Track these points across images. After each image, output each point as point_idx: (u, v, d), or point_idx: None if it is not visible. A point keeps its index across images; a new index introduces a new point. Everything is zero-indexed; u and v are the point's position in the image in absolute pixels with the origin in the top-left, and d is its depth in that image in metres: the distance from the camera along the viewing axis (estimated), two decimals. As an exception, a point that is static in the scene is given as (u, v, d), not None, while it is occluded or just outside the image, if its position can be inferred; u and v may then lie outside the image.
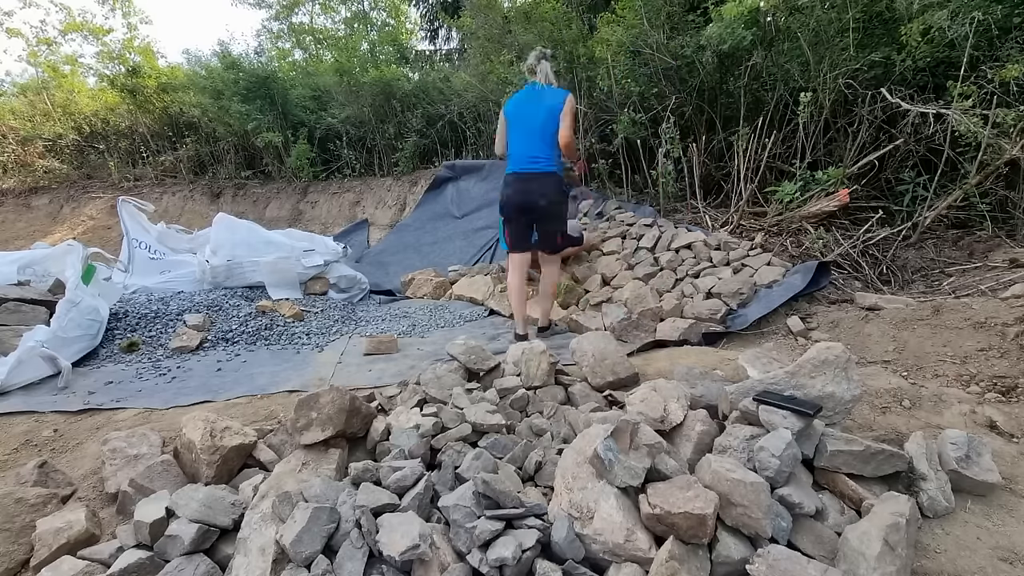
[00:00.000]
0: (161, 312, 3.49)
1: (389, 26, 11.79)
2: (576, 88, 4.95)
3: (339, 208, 7.56)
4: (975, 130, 3.04)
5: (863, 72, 3.68)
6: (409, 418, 1.84)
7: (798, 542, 1.29)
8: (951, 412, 1.80)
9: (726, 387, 1.77)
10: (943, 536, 1.36)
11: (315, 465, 1.62)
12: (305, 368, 2.73)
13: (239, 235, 4.32)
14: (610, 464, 1.30)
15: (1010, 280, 2.77)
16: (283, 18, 12.73)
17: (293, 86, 8.09)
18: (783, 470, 1.34)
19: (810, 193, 3.74)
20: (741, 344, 2.85)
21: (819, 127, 3.94)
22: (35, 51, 10.16)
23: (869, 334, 2.54)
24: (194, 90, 8.44)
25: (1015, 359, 2.03)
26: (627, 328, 3.03)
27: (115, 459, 1.70)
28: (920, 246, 3.53)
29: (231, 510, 1.47)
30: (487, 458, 1.57)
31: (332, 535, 1.33)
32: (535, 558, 1.24)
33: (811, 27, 3.76)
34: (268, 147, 7.83)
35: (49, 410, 2.18)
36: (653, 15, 4.22)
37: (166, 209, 8.27)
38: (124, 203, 4.49)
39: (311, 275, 4.40)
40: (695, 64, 4.22)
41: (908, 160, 3.74)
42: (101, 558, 1.36)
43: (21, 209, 9.03)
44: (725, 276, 3.30)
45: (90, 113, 9.54)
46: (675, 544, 1.18)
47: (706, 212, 4.27)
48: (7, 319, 2.85)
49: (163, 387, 2.50)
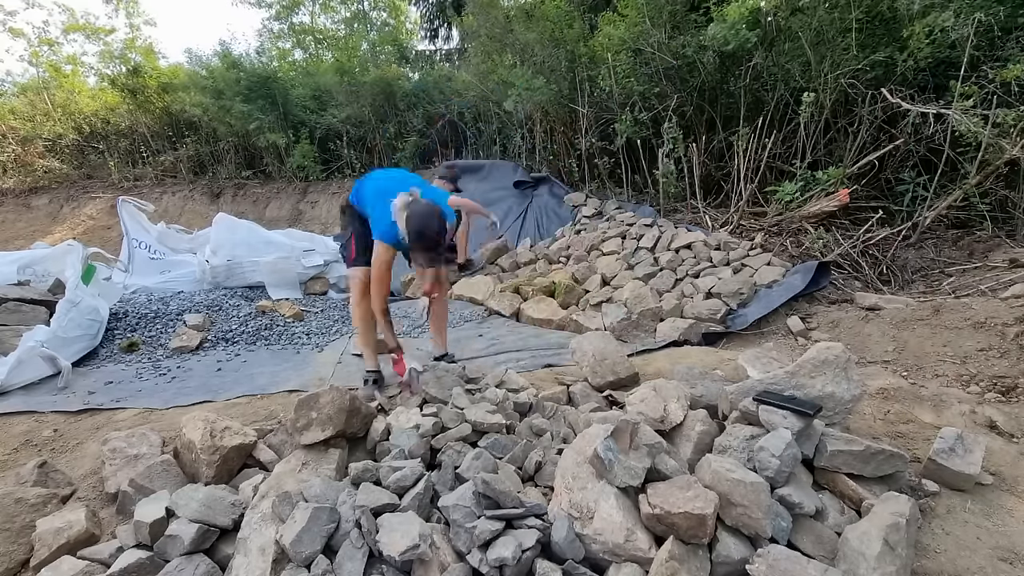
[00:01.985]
0: (161, 312, 3.48)
1: (389, 26, 11.79)
2: (577, 88, 4.94)
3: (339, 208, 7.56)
4: (975, 130, 3.04)
5: (864, 72, 3.68)
6: (409, 418, 1.84)
7: (798, 542, 1.29)
8: (951, 412, 1.80)
9: (726, 387, 1.77)
10: (943, 536, 1.36)
11: (315, 465, 1.62)
12: (305, 368, 2.72)
13: (239, 235, 4.32)
14: (610, 464, 1.30)
15: (1010, 280, 2.77)
16: (283, 18, 12.73)
17: (294, 86, 8.09)
18: (783, 470, 1.34)
19: (810, 193, 3.75)
20: (741, 344, 2.85)
21: (819, 127, 3.94)
22: (37, 51, 10.17)
23: (869, 334, 2.54)
24: (195, 90, 8.45)
25: (1015, 359, 2.03)
26: (627, 328, 3.03)
27: (115, 459, 1.70)
28: (920, 246, 3.52)
29: (231, 510, 1.47)
30: (487, 458, 1.57)
31: (332, 535, 1.33)
32: (535, 558, 1.24)
33: (813, 27, 3.76)
34: (269, 147, 7.84)
35: (49, 410, 2.18)
36: (655, 14, 4.22)
37: (166, 209, 8.27)
38: (124, 203, 4.50)
39: (311, 275, 4.41)
40: (696, 64, 4.22)
41: (908, 160, 3.74)
42: (101, 558, 1.36)
43: (21, 209, 9.03)
44: (725, 276, 3.30)
45: (90, 113, 9.53)
46: (675, 544, 1.17)
47: (706, 212, 4.27)
48: (7, 319, 2.85)
49: (163, 387, 2.49)
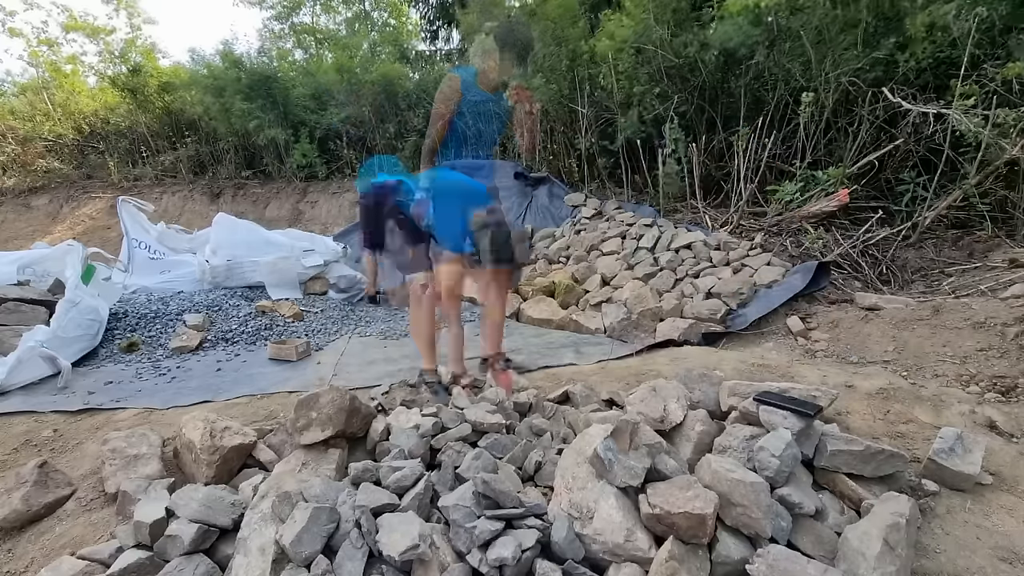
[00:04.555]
0: (161, 312, 3.49)
1: (390, 26, 11.79)
2: (577, 87, 4.93)
3: (339, 208, 7.55)
4: (975, 130, 3.04)
5: (865, 71, 3.68)
6: (409, 418, 1.84)
7: (798, 542, 1.29)
8: (951, 412, 1.80)
9: (726, 386, 1.77)
10: (943, 536, 1.36)
11: (315, 465, 1.62)
12: (305, 368, 2.73)
13: (239, 235, 4.32)
14: (610, 464, 1.30)
15: (1010, 280, 2.77)
16: (284, 19, 12.74)
17: (294, 85, 8.10)
18: (783, 470, 1.34)
19: (810, 193, 3.75)
20: (741, 344, 2.85)
21: (819, 127, 3.94)
22: (36, 51, 10.17)
23: (869, 334, 2.54)
24: (196, 88, 8.45)
25: (1015, 359, 2.03)
26: (627, 328, 3.03)
27: (115, 459, 1.70)
28: (920, 246, 3.52)
29: (231, 510, 1.47)
30: (487, 458, 1.57)
31: (332, 535, 1.32)
32: (535, 558, 1.23)
33: (814, 26, 3.75)
34: (269, 146, 7.83)
35: (49, 410, 2.18)
36: (660, 11, 4.21)
37: (166, 209, 8.27)
38: (124, 203, 4.50)
39: (311, 275, 4.40)
40: (697, 63, 4.21)
41: (908, 160, 3.74)
42: (101, 558, 1.36)
43: (21, 209, 9.03)
44: (725, 276, 3.30)
45: (90, 113, 9.54)
46: (675, 544, 1.17)
47: (706, 212, 4.27)
48: (7, 319, 2.85)
49: (163, 387, 2.49)
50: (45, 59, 10.11)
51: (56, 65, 10.04)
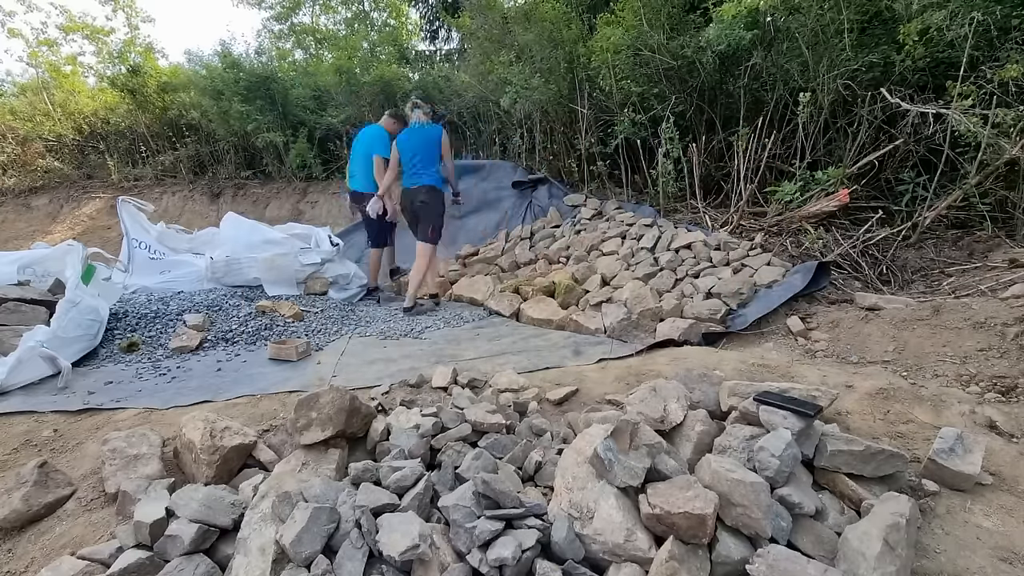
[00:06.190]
0: (161, 312, 3.48)
1: (390, 27, 11.79)
2: (576, 88, 4.94)
3: (339, 208, 7.55)
4: (975, 130, 3.04)
5: (862, 72, 3.68)
6: (409, 418, 1.84)
7: (798, 542, 1.29)
8: (951, 412, 1.80)
9: (726, 386, 1.77)
10: (943, 536, 1.36)
11: (315, 465, 1.62)
12: (305, 368, 2.72)
13: (242, 233, 4.35)
14: (610, 464, 1.30)
15: (1010, 280, 2.77)
16: (283, 19, 12.73)
17: (293, 86, 8.09)
18: (783, 470, 1.34)
19: (810, 193, 3.75)
20: (741, 344, 2.85)
21: (819, 127, 3.94)
22: (36, 52, 10.17)
23: (869, 334, 2.54)
24: (194, 90, 8.44)
25: (1015, 359, 2.03)
26: (627, 328, 3.03)
27: (115, 459, 1.70)
28: (920, 246, 3.53)
29: (231, 510, 1.47)
30: (487, 458, 1.57)
31: (332, 535, 1.33)
32: (535, 558, 1.24)
33: (810, 27, 3.76)
34: (268, 147, 7.83)
35: (49, 410, 2.18)
36: (652, 16, 4.22)
37: (166, 209, 8.27)
38: (124, 203, 4.49)
39: (308, 272, 4.40)
40: (695, 64, 4.22)
41: (908, 160, 3.74)
42: (101, 558, 1.36)
43: (21, 209, 9.03)
44: (725, 276, 3.30)
45: (90, 113, 9.53)
46: (675, 544, 1.18)
47: (706, 212, 4.27)
48: (7, 319, 2.85)
49: (163, 387, 2.49)
50: (45, 59, 10.11)
51: (56, 65, 10.04)
